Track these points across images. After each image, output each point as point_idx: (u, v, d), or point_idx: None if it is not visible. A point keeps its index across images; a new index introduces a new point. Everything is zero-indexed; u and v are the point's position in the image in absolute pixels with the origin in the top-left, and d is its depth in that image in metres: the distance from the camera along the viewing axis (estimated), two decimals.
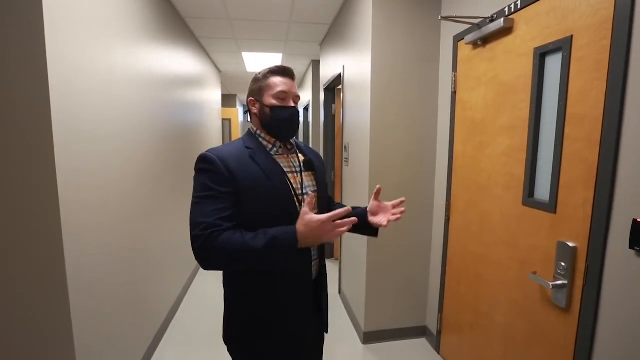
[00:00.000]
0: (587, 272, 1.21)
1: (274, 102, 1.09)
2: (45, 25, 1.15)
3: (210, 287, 3.43)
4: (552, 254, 1.35)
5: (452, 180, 2.10)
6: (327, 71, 3.63)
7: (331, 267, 3.26)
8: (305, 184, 1.14)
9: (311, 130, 5.01)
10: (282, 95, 1.09)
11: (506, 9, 1.57)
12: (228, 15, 3.20)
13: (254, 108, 1.13)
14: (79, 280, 1.47)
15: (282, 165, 1.11)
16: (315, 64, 4.76)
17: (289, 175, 1.10)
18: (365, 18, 2.26)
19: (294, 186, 1.10)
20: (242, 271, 1.08)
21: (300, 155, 1.19)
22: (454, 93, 2.05)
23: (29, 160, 0.58)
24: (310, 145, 4.90)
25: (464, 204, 1.98)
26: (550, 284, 1.31)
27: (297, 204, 1.08)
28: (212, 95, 5.11)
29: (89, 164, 1.57)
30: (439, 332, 2.28)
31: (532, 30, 1.45)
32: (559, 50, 1.32)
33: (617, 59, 1.09)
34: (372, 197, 1.20)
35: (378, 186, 1.20)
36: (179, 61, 3.21)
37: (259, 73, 1.13)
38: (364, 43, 2.30)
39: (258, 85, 1.12)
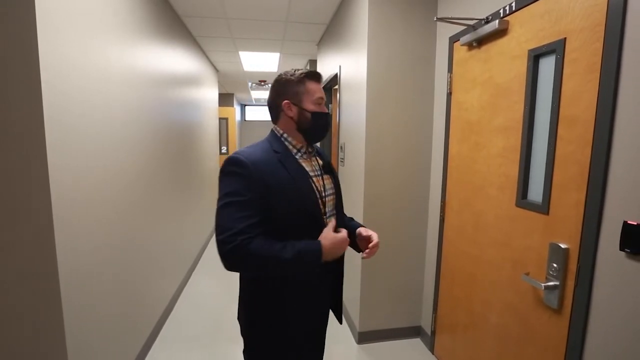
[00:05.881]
0: (578, 273, 1.22)
1: (314, 107, 1.13)
2: (39, 22, 1.15)
3: (206, 286, 3.42)
4: (544, 255, 1.36)
5: (447, 180, 2.11)
6: (324, 71, 3.62)
7: None
8: (326, 187, 1.18)
9: None
10: (320, 102, 1.14)
11: (501, 11, 1.58)
12: (225, 15, 3.20)
13: (289, 111, 1.13)
14: (73, 278, 1.46)
15: (307, 169, 1.14)
16: (313, 64, 4.76)
17: (314, 179, 1.14)
18: (362, 18, 2.27)
19: (319, 189, 1.14)
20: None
21: (319, 159, 1.23)
22: (449, 94, 2.05)
23: (19, 158, 0.58)
24: None
25: (459, 204, 1.99)
26: (543, 284, 1.32)
27: (321, 206, 1.13)
28: (209, 94, 5.09)
29: (84, 161, 1.56)
30: (433, 332, 2.29)
31: (526, 32, 1.45)
32: (552, 52, 1.33)
33: (609, 62, 1.10)
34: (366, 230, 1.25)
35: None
36: (176, 60, 3.20)
37: (291, 75, 1.13)
38: (360, 43, 2.30)
39: (295, 89, 1.13)
